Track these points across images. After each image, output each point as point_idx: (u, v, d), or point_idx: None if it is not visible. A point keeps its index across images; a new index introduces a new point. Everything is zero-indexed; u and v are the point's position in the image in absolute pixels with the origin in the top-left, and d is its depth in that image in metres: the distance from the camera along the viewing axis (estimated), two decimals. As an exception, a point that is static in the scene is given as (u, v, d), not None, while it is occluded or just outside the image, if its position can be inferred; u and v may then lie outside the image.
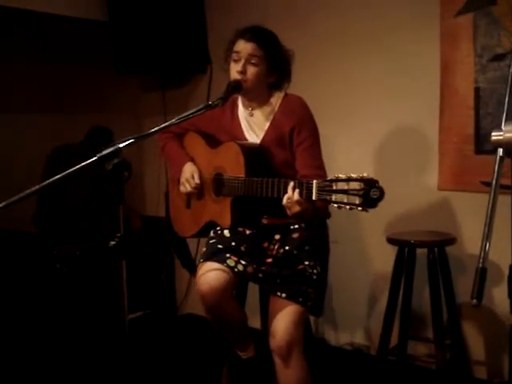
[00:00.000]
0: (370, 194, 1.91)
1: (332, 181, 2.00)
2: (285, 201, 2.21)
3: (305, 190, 2.14)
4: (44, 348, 3.70)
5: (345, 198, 1.95)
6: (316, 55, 3.76)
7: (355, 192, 1.93)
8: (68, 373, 3.47)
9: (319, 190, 2.06)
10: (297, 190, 2.16)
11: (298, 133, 2.49)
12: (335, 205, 1.99)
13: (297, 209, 2.19)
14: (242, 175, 2.46)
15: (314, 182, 2.08)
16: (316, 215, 2.33)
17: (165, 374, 3.52)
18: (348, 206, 1.95)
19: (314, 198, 2.09)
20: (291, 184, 2.19)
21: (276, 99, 2.57)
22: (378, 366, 3.16)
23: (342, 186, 1.97)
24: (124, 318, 1.98)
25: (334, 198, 1.99)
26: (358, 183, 1.93)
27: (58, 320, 3.82)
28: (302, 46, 2.62)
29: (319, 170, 2.46)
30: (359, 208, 1.94)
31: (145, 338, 3.93)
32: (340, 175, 2.00)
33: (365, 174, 1.95)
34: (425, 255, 3.02)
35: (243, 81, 2.45)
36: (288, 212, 2.23)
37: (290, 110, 2.53)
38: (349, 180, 1.96)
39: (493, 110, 3.16)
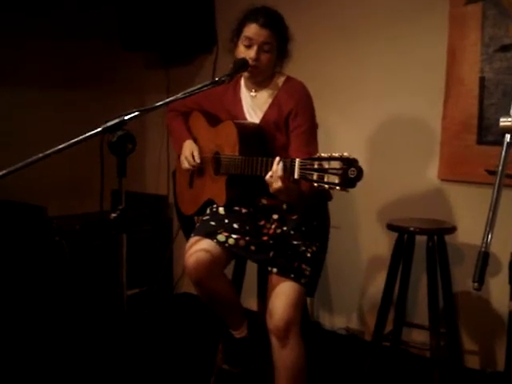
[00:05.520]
0: (348, 173, 1.90)
1: (314, 159, 2.00)
2: (268, 176, 2.21)
3: (288, 167, 2.14)
4: (41, 323, 3.70)
5: (325, 177, 1.94)
6: (321, 44, 3.75)
7: (335, 171, 1.92)
8: (65, 349, 3.49)
9: (301, 168, 2.06)
10: (280, 165, 2.16)
11: (294, 117, 2.49)
12: (315, 184, 1.98)
13: (278, 185, 2.18)
14: (236, 154, 2.47)
15: (297, 160, 2.08)
16: (300, 198, 2.33)
17: (160, 350, 3.55)
18: (327, 186, 1.94)
19: (296, 176, 2.08)
20: (276, 159, 2.18)
21: (279, 80, 2.58)
22: (371, 352, 3.17)
23: (323, 164, 1.95)
24: (123, 294, 1.97)
25: (315, 176, 1.98)
26: (338, 162, 1.92)
27: (56, 294, 3.82)
28: (307, 34, 2.61)
29: (310, 156, 2.45)
30: (337, 188, 1.92)
31: (141, 315, 3.95)
32: (322, 154, 1.99)
33: (345, 154, 1.93)
34: (423, 243, 3.02)
35: (255, 67, 2.45)
36: (270, 189, 2.22)
37: (292, 92, 2.53)
38: (330, 159, 1.94)
39: (497, 100, 3.15)
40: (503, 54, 3.11)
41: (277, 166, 2.18)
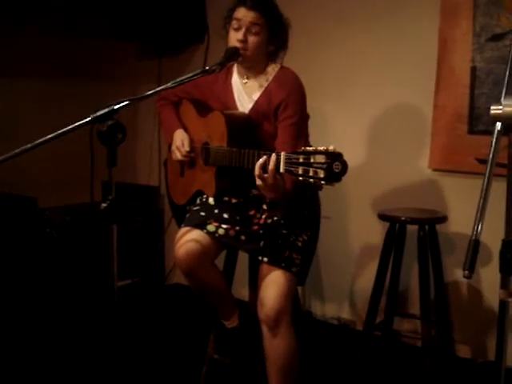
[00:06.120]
0: (333, 167, 1.88)
1: (299, 153, 1.98)
2: (257, 172, 2.16)
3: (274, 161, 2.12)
4: (32, 314, 3.69)
5: (310, 171, 1.93)
6: (315, 34, 3.74)
7: (319, 165, 1.89)
8: (56, 340, 3.49)
9: (286, 162, 2.04)
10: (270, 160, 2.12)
11: (284, 108, 2.46)
12: (300, 178, 1.97)
13: (262, 182, 2.15)
14: (225, 145, 2.46)
15: (282, 153, 2.06)
16: (285, 196, 2.31)
17: (152, 341, 3.54)
18: (312, 180, 1.92)
19: (281, 170, 2.06)
20: (262, 158, 2.14)
21: (272, 70, 2.55)
22: (363, 341, 3.18)
23: (308, 158, 1.94)
24: (113, 285, 1.97)
25: (300, 170, 1.96)
26: (322, 156, 1.90)
27: (47, 285, 3.81)
28: (302, 24, 2.61)
29: (296, 149, 2.42)
30: (322, 182, 1.91)
31: (133, 306, 3.95)
32: (307, 148, 1.98)
33: (331, 147, 1.91)
34: (415, 232, 3.03)
35: (243, 49, 2.42)
36: (257, 181, 2.17)
37: (284, 82, 2.50)
38: (315, 153, 1.92)
39: (488, 90, 3.15)
40: (494, 43, 3.11)
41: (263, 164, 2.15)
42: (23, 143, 1.79)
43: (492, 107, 1.50)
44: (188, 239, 2.46)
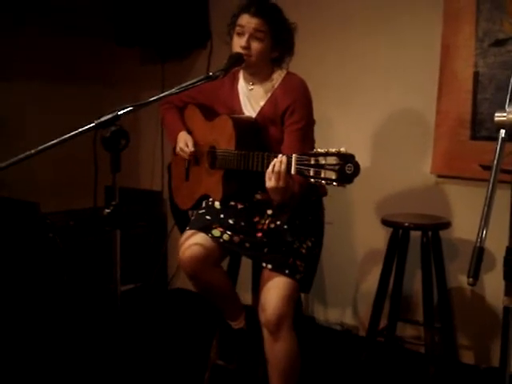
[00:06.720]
0: (345, 169, 1.89)
1: (310, 155, 1.99)
2: (283, 167, 2.16)
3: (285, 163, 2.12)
4: (35, 319, 3.69)
5: (322, 173, 1.93)
6: (319, 38, 3.74)
7: (331, 167, 1.91)
8: (59, 345, 3.48)
9: (298, 163, 2.05)
10: (283, 165, 2.13)
11: (291, 114, 2.46)
12: (312, 180, 1.97)
13: (274, 183, 2.16)
14: (232, 148, 2.46)
15: (294, 155, 2.08)
16: (292, 198, 2.32)
17: (155, 346, 3.54)
18: (324, 182, 1.94)
19: (292, 171, 2.08)
20: (278, 158, 2.16)
21: (278, 76, 2.55)
22: (366, 347, 3.17)
23: (319, 160, 1.95)
24: (116, 290, 1.97)
25: (311, 172, 1.97)
26: (334, 158, 1.91)
27: (50, 290, 3.81)
28: (304, 29, 2.61)
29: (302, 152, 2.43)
30: (335, 183, 1.92)
31: (136, 310, 3.94)
32: (319, 149, 1.98)
33: (342, 149, 1.93)
34: (418, 238, 3.02)
35: (247, 56, 2.42)
36: (268, 183, 2.18)
37: (290, 89, 2.51)
38: (326, 154, 1.94)
39: (491, 95, 3.14)
40: (497, 48, 3.10)
41: (280, 164, 2.15)
42: (22, 143, 1.79)
43: (496, 114, 1.50)
44: (192, 243, 2.47)
